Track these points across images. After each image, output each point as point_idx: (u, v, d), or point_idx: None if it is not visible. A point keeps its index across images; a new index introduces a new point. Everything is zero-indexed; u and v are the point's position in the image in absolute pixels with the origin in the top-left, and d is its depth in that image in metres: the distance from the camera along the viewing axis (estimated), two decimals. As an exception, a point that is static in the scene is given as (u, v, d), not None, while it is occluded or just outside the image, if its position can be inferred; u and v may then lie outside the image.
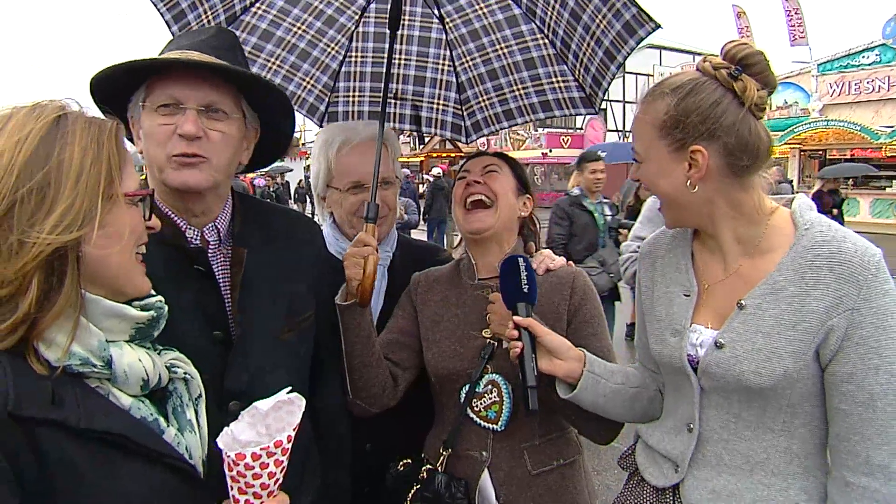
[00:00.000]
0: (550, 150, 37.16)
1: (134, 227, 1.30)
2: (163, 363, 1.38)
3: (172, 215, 1.75)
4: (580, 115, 2.92)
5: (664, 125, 1.64)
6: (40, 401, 1.11)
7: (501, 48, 2.85)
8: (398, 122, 3.11)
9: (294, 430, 1.33)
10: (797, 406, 1.59)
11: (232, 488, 1.31)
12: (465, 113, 3.11)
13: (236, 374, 1.69)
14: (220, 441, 1.31)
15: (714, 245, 1.74)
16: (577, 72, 2.74)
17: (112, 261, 1.25)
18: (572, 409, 1.97)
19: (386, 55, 2.53)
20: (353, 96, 3.04)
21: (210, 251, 1.79)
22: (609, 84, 2.62)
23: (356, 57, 2.96)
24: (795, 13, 27.89)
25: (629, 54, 2.40)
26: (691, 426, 1.73)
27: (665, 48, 41.31)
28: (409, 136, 45.64)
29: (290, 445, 1.32)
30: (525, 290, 1.93)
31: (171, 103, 1.65)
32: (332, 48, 2.90)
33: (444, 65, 3.00)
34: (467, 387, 2.14)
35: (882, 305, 1.48)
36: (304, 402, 1.38)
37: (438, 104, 3.09)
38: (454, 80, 3.03)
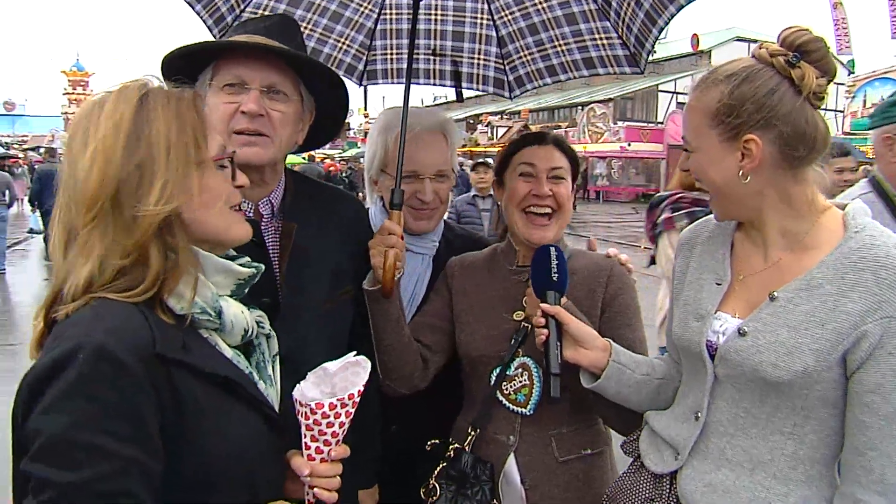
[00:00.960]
0: (629, 144, 36.50)
1: (221, 190, 1.39)
2: (252, 318, 1.50)
3: None
4: (625, 73, 2.81)
5: (717, 113, 1.58)
6: (175, 345, 1.25)
7: (540, 2, 2.76)
8: (438, 79, 3.07)
9: (364, 386, 1.45)
10: (811, 410, 1.52)
11: (305, 436, 1.45)
12: (506, 67, 3.04)
13: (282, 338, 1.77)
14: (296, 394, 1.44)
15: (757, 236, 1.68)
16: (619, 29, 2.66)
17: (211, 221, 1.37)
18: (598, 398, 1.94)
19: (412, 23, 2.49)
20: (391, 54, 3.02)
21: (263, 224, 1.92)
22: (652, 46, 2.55)
23: (391, 14, 2.93)
24: (899, 2, 26.28)
25: (670, 19, 2.37)
26: (699, 414, 1.68)
27: (755, 41, 39.94)
28: (486, 124, 45.81)
29: (358, 400, 1.45)
30: (554, 279, 1.93)
31: (237, 83, 1.78)
32: (366, 7, 2.89)
33: (482, 19, 2.93)
34: (498, 369, 2.13)
35: None
36: (369, 364, 1.48)
37: (479, 59, 3.04)
38: (494, 34, 2.96)
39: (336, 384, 1.46)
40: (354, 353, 1.50)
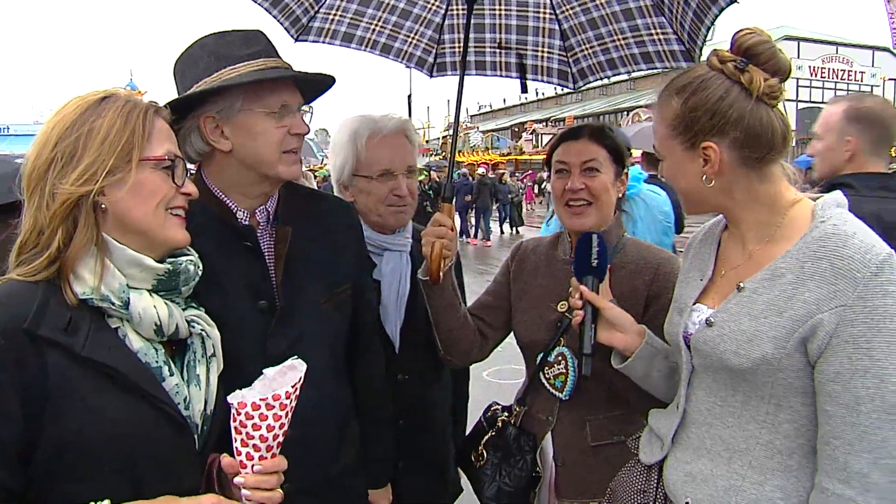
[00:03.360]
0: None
1: (157, 189, 1.47)
2: (182, 316, 1.55)
3: (224, 198, 1.95)
4: (681, 67, 2.78)
5: (675, 125, 1.66)
6: (54, 325, 1.33)
7: (598, -4, 2.80)
8: (504, 71, 3.17)
9: (292, 387, 1.45)
10: (782, 399, 1.56)
11: (235, 440, 1.45)
12: (570, 60, 3.09)
13: (277, 340, 1.90)
14: (230, 396, 1.44)
15: (736, 234, 1.75)
16: (674, 24, 2.67)
17: (135, 214, 1.45)
18: (626, 383, 2.05)
19: (465, 25, 2.63)
20: (459, 48, 3.12)
21: (259, 230, 1.99)
22: (703, 43, 2.57)
23: (457, 9, 3.04)
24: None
25: (716, 18, 2.40)
26: (679, 404, 1.78)
27: (803, 39, 35.69)
28: (531, 132, 44.65)
29: (288, 402, 1.44)
30: (593, 265, 2.04)
31: (284, 106, 1.87)
32: (434, 3, 3.02)
33: (545, 13, 2.99)
34: (542, 355, 2.33)
35: (880, 306, 1.41)
36: (304, 367, 1.50)
37: (543, 52, 3.10)
38: (557, 27, 3.02)
39: (276, 389, 1.44)
40: (294, 357, 1.52)
